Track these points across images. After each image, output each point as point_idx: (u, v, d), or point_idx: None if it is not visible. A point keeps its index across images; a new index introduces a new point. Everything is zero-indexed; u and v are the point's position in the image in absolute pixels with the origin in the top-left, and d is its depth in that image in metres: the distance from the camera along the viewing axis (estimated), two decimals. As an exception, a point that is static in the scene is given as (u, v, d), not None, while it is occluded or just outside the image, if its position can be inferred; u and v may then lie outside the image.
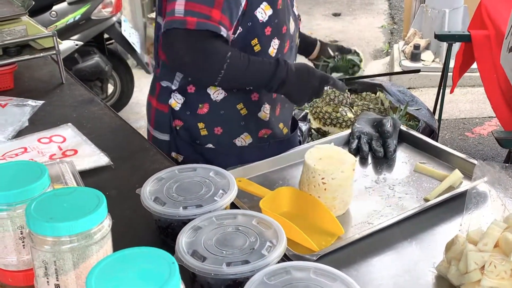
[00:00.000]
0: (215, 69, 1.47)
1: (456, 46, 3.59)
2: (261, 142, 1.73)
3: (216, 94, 1.64)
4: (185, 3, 1.42)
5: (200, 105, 1.66)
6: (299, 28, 1.80)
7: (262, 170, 1.56)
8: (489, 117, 4.63)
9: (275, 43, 1.60)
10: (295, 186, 1.43)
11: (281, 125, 1.77)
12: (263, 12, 1.55)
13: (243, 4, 1.50)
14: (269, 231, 1.06)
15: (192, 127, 1.70)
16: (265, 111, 1.69)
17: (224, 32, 1.46)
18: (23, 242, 0.93)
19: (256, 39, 1.57)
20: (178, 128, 1.72)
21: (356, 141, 1.65)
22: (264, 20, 1.56)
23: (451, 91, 3.65)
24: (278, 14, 1.58)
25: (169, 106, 1.69)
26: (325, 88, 1.61)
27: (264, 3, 1.55)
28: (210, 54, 1.46)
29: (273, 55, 1.61)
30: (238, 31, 1.55)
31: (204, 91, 1.64)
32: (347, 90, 1.71)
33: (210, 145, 1.71)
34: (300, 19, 1.83)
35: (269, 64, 1.54)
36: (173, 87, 1.67)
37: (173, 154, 1.76)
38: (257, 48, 1.58)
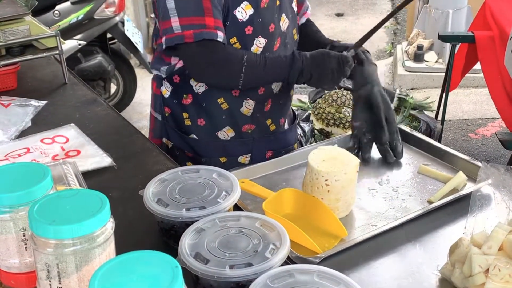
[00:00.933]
0: (235, 74, 1.53)
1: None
2: (245, 137, 1.73)
3: (198, 86, 1.66)
4: (179, 19, 1.49)
5: (184, 95, 1.69)
6: (300, 24, 1.80)
7: (265, 171, 1.55)
8: (493, 118, 4.62)
9: (259, 41, 1.60)
10: (298, 188, 1.43)
11: (268, 121, 1.75)
12: (243, 12, 1.56)
13: (222, 2, 1.53)
14: (272, 234, 1.06)
15: (178, 116, 1.73)
16: (247, 107, 1.68)
17: (220, 37, 1.50)
18: (25, 244, 0.92)
19: (235, 38, 1.58)
20: (167, 115, 1.76)
21: (358, 142, 1.63)
22: (244, 20, 1.56)
23: (451, 89, 3.62)
24: (262, 13, 1.58)
25: (161, 92, 1.74)
26: (348, 67, 1.57)
27: (245, 3, 1.55)
28: (226, 61, 1.53)
29: (258, 52, 1.61)
30: None
31: (188, 82, 1.66)
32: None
33: (194, 136, 1.73)
34: (305, 13, 1.84)
35: (285, 59, 1.55)
36: (163, 75, 1.70)
37: (164, 140, 1.79)
38: (237, 46, 1.59)
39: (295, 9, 1.74)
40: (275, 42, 1.65)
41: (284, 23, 1.66)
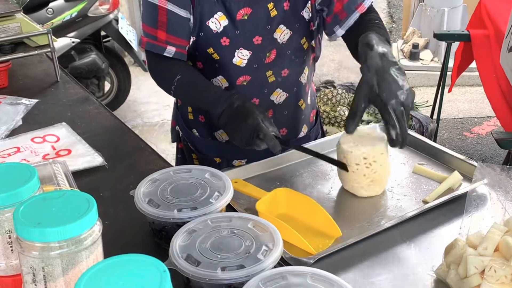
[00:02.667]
0: (165, 88, 1.60)
1: (455, 45, 3.57)
2: None
3: None
4: (142, 24, 1.57)
5: None
6: (313, 31, 1.64)
7: (259, 170, 1.54)
8: (488, 117, 4.62)
9: (242, 53, 1.56)
10: (292, 187, 1.41)
11: None
12: (217, 23, 1.53)
13: (191, 19, 1.53)
14: (265, 235, 1.04)
15: (184, 108, 1.74)
16: None
17: (169, 53, 1.53)
18: (11, 246, 0.91)
19: (211, 48, 1.56)
20: (178, 104, 1.79)
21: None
22: (219, 31, 1.53)
23: (449, 90, 3.63)
24: (240, 25, 1.53)
25: None
26: (260, 141, 1.38)
27: (219, 13, 1.52)
28: (160, 74, 1.61)
29: (242, 65, 1.57)
30: (192, 39, 1.56)
31: None
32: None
33: (195, 131, 1.73)
34: (323, 17, 1.63)
35: (215, 94, 1.47)
36: None
37: (177, 127, 1.83)
38: (215, 56, 1.57)
39: (307, 16, 1.61)
40: (267, 54, 1.59)
41: (283, 34, 1.59)
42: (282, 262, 1.10)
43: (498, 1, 3.51)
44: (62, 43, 4.18)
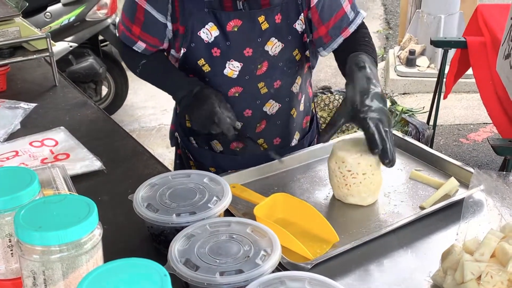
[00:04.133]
0: (132, 70, 1.71)
1: (452, 52, 3.59)
2: (233, 153, 1.71)
3: None
4: (122, 12, 1.65)
5: None
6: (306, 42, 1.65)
7: (257, 176, 1.54)
8: (484, 123, 4.63)
9: (233, 65, 1.56)
10: (290, 193, 1.42)
11: (260, 141, 1.71)
12: (209, 33, 1.53)
13: (169, 26, 1.57)
14: (263, 240, 1.05)
15: (183, 115, 1.75)
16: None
17: (138, 48, 1.63)
18: (11, 250, 0.91)
19: (202, 59, 1.57)
20: (177, 111, 1.81)
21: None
22: (210, 41, 1.54)
23: (445, 97, 3.64)
24: (230, 37, 1.54)
25: None
26: (216, 126, 1.49)
27: (210, 24, 1.53)
28: (128, 56, 1.71)
29: (234, 76, 1.58)
30: (182, 51, 1.57)
31: None
32: None
33: (192, 138, 1.75)
34: (344, 29, 1.62)
35: (177, 83, 1.60)
36: None
37: (176, 134, 1.84)
38: (206, 68, 1.57)
39: (300, 29, 1.61)
40: (259, 66, 1.59)
41: (275, 47, 1.59)
42: (280, 267, 1.10)
43: (495, 8, 3.53)
44: (60, 47, 4.18)
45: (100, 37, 4.60)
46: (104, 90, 4.81)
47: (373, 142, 1.33)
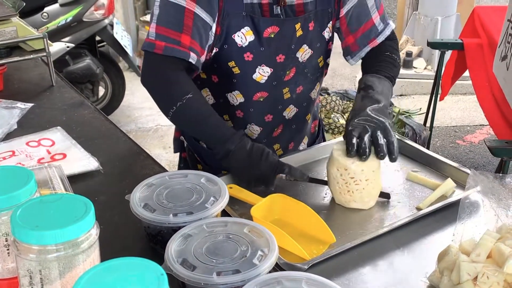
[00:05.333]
0: (168, 101, 1.44)
1: (449, 54, 3.60)
2: None
3: (208, 97, 1.63)
4: (156, 27, 1.42)
5: None
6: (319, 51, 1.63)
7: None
8: (480, 125, 4.65)
9: (263, 70, 1.54)
10: (287, 194, 1.42)
11: (276, 146, 1.70)
12: (243, 37, 1.49)
13: (213, 29, 1.46)
14: (260, 240, 1.05)
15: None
16: (251, 130, 1.65)
17: (193, 59, 1.43)
18: (7, 249, 0.91)
19: (233, 61, 1.52)
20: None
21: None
22: (244, 45, 1.50)
23: (441, 99, 3.65)
24: (266, 43, 1.52)
25: None
26: (281, 175, 1.42)
27: (246, 28, 1.49)
28: (170, 85, 1.45)
29: (262, 81, 1.56)
30: (214, 51, 1.51)
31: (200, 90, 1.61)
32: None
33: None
34: (372, 40, 1.64)
35: (225, 130, 1.43)
36: None
37: (181, 137, 1.79)
38: (236, 70, 1.54)
39: (327, 36, 1.62)
40: (287, 72, 1.59)
41: (305, 53, 1.59)
42: (277, 267, 1.10)
43: (491, 10, 3.55)
44: (57, 47, 4.17)
45: (97, 38, 4.60)
46: (101, 91, 4.81)
47: (377, 148, 1.37)
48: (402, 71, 5.28)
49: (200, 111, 1.44)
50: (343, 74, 5.65)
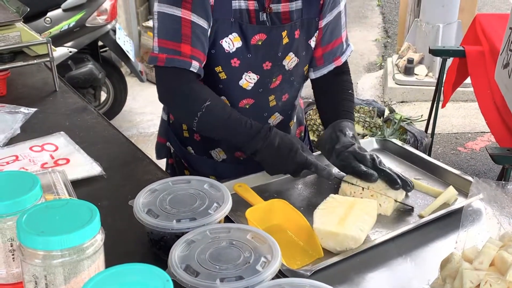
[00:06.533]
0: (190, 114, 1.47)
1: (450, 61, 3.61)
2: (237, 162, 1.70)
3: None
4: (157, 40, 1.46)
5: None
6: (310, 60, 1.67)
7: (258, 182, 1.53)
8: (482, 132, 4.65)
9: (250, 77, 1.55)
10: (289, 199, 1.42)
11: None
12: (231, 43, 1.50)
13: (209, 33, 1.49)
14: (264, 246, 1.05)
15: (179, 125, 1.72)
16: None
17: (194, 67, 1.45)
18: (13, 254, 0.91)
19: (220, 67, 1.54)
20: (171, 121, 1.76)
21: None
22: (231, 51, 1.51)
23: (443, 106, 3.65)
24: (253, 49, 1.53)
25: None
26: (306, 173, 1.48)
27: (234, 34, 1.50)
28: (187, 97, 1.47)
29: (248, 88, 1.57)
30: None
31: None
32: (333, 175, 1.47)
33: (190, 148, 1.72)
34: (336, 58, 1.68)
35: (249, 128, 1.45)
36: None
37: (168, 144, 1.80)
38: (222, 76, 1.55)
39: (313, 45, 1.64)
40: (274, 79, 1.60)
41: (291, 62, 1.60)
42: (279, 274, 1.10)
43: (493, 18, 3.56)
44: (59, 52, 4.17)
45: (100, 43, 4.61)
46: (103, 96, 4.82)
47: (393, 181, 1.43)
48: (403, 77, 5.29)
49: (219, 116, 1.47)
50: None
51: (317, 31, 1.62)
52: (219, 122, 1.48)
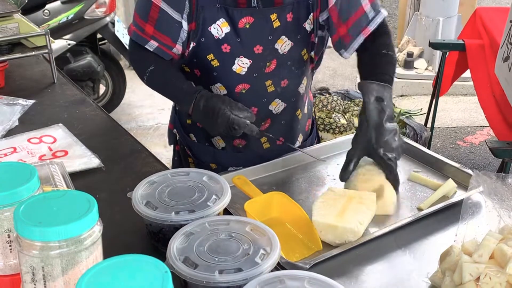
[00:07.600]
0: (140, 75, 1.64)
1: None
2: (236, 150, 1.70)
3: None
4: (134, 13, 1.61)
5: None
6: (316, 43, 1.65)
7: (257, 175, 1.53)
8: (481, 126, 4.64)
9: (242, 61, 1.56)
10: (289, 192, 1.42)
11: (263, 139, 1.71)
12: (219, 29, 1.52)
13: (184, 25, 1.53)
14: (263, 238, 1.05)
15: (184, 112, 1.70)
16: None
17: (150, 46, 1.57)
18: (10, 246, 0.90)
19: (211, 54, 1.56)
20: (177, 108, 1.80)
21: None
22: (220, 37, 1.53)
23: (440, 94, 3.63)
24: (241, 33, 1.53)
25: None
26: (235, 130, 1.48)
27: (222, 20, 1.52)
28: (135, 62, 1.68)
29: (242, 73, 1.58)
30: (191, 45, 1.56)
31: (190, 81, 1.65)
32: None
33: (192, 135, 1.74)
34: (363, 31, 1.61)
35: (184, 94, 1.55)
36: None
37: (174, 130, 1.83)
38: (215, 63, 1.57)
39: (308, 28, 1.61)
40: (268, 63, 1.59)
41: (284, 45, 1.59)
42: (278, 266, 1.10)
43: (493, 11, 3.55)
44: (58, 45, 4.16)
45: (99, 35, 4.59)
46: (102, 89, 4.80)
47: (397, 182, 1.46)
48: (403, 71, 5.28)
49: (161, 79, 1.61)
50: (344, 74, 5.65)
51: (312, 14, 1.59)
52: (161, 86, 1.63)
